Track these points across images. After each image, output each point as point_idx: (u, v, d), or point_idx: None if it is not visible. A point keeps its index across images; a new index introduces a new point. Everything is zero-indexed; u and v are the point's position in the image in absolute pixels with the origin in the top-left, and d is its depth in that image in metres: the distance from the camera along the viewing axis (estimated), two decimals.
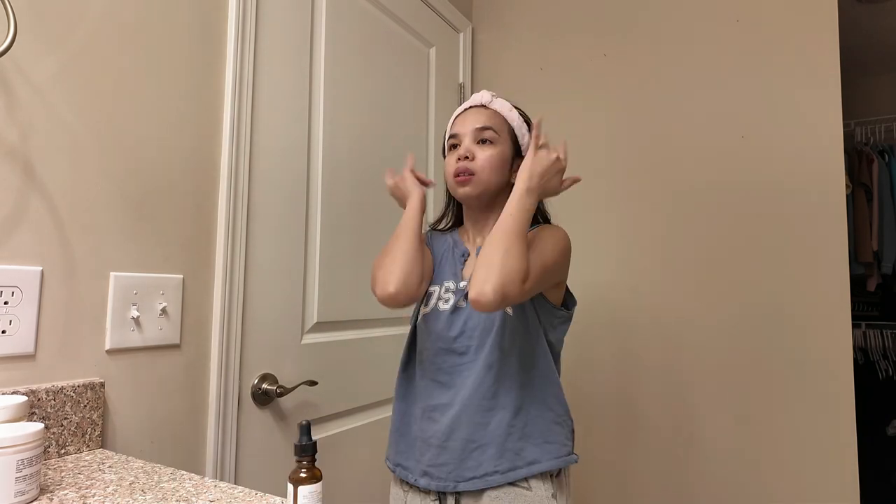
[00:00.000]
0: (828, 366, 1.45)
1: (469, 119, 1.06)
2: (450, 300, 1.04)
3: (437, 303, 1.05)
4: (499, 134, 1.05)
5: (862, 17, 2.62)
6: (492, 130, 1.04)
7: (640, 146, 1.73)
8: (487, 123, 1.04)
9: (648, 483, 1.65)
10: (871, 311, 3.04)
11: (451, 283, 1.06)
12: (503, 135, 1.06)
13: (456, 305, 1.03)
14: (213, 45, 1.14)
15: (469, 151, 1.02)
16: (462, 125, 1.06)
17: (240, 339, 1.16)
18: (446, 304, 1.04)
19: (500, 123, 1.06)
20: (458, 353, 1.01)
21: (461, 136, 1.05)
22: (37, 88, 0.87)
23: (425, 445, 1.01)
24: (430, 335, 1.04)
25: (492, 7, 2.06)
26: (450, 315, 1.02)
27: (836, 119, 1.48)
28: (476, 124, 1.04)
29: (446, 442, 0.99)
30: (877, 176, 2.77)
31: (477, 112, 1.07)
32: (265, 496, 0.69)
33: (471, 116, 1.06)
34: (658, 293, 1.67)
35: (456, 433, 0.98)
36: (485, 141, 1.03)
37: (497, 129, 1.05)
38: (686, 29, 1.69)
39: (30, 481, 0.66)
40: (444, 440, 0.99)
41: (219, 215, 1.14)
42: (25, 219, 0.85)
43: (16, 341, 0.82)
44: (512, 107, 1.09)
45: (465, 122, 1.06)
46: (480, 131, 1.03)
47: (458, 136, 1.06)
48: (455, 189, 1.05)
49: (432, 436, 1.00)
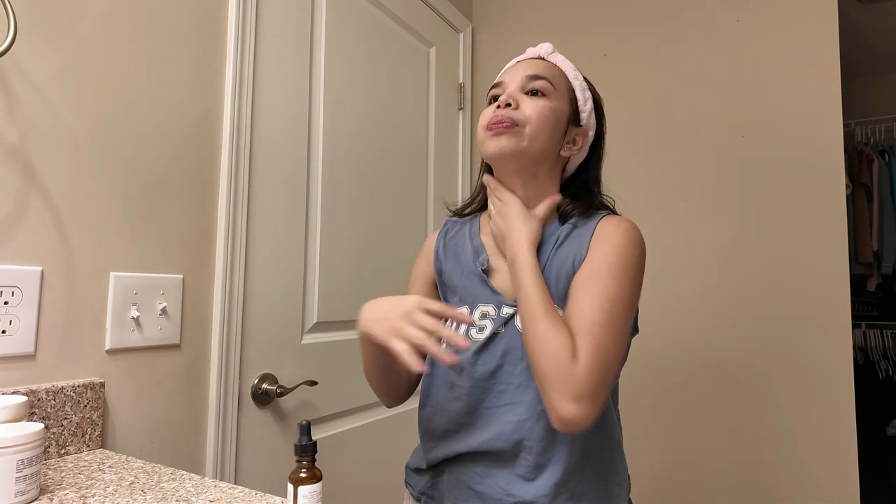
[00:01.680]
0: (828, 366, 1.45)
1: (520, 68, 0.84)
2: (486, 328, 0.80)
3: (468, 330, 0.81)
4: (555, 87, 0.82)
5: (862, 17, 2.62)
6: (546, 81, 0.81)
7: (640, 146, 1.73)
8: (542, 72, 0.82)
9: (647, 482, 1.65)
10: (871, 311, 3.04)
11: (491, 308, 0.81)
12: (561, 89, 0.83)
13: (494, 332, 0.79)
14: (214, 45, 1.14)
15: (513, 98, 0.80)
16: (510, 74, 0.84)
17: (240, 339, 1.16)
18: (480, 332, 0.80)
19: (559, 77, 0.84)
20: (496, 391, 0.79)
21: (506, 84, 0.83)
22: (37, 88, 0.87)
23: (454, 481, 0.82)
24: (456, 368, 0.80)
25: (492, 7, 2.06)
26: (483, 346, 0.79)
27: (837, 119, 1.48)
28: (528, 71, 0.82)
29: (479, 486, 0.79)
30: (877, 176, 2.77)
31: (531, 62, 0.85)
32: (265, 496, 0.69)
33: (522, 66, 0.85)
34: (657, 293, 1.67)
35: (493, 476, 0.78)
36: (536, 92, 0.81)
37: (554, 81, 0.82)
38: (686, 29, 1.69)
39: (30, 481, 0.66)
40: (479, 482, 0.79)
41: (219, 215, 1.14)
42: (25, 219, 0.85)
43: (16, 341, 0.82)
44: (575, 69, 0.88)
45: (515, 71, 0.84)
46: (532, 79, 0.82)
47: (503, 84, 0.84)
48: (485, 144, 0.81)
49: (465, 473, 0.81)
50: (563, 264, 0.79)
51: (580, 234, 0.81)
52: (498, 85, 0.85)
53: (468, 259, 0.87)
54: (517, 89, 0.82)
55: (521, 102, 0.80)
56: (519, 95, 0.81)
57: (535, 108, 0.79)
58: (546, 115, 0.79)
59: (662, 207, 1.69)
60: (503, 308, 0.80)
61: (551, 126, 0.80)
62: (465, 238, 0.90)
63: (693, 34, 1.68)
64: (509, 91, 0.82)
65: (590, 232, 0.80)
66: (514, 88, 0.82)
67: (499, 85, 0.85)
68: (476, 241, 0.88)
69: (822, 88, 1.50)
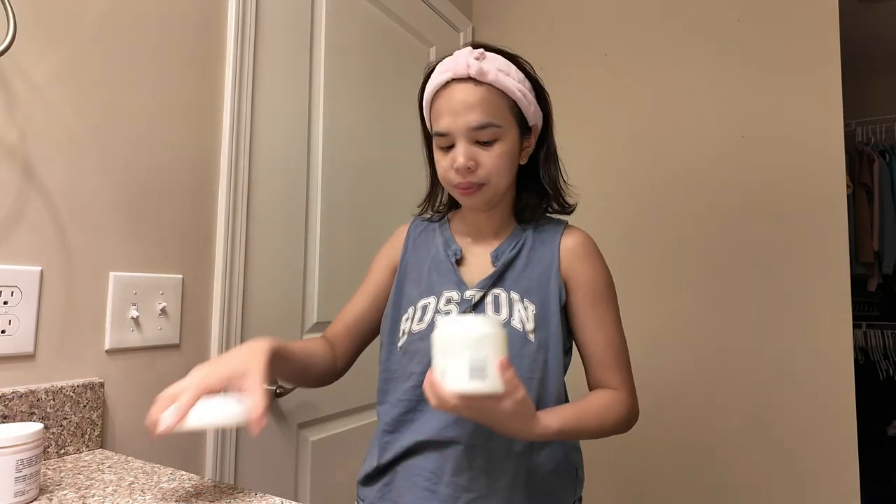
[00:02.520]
0: (828, 366, 1.45)
1: (458, 108, 0.79)
2: (451, 313, 0.83)
3: (434, 317, 0.83)
4: (501, 126, 0.79)
5: (862, 17, 2.62)
6: (493, 128, 0.79)
7: (640, 145, 1.73)
8: (484, 119, 0.78)
9: (648, 482, 1.65)
10: (872, 312, 3.04)
11: (455, 293, 0.84)
12: (507, 121, 0.80)
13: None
14: (213, 45, 1.14)
15: (471, 161, 0.79)
16: (452, 120, 0.79)
17: (239, 339, 1.16)
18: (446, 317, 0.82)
19: (499, 107, 0.80)
20: None
21: (454, 137, 0.80)
22: (37, 88, 0.87)
23: (408, 485, 0.82)
24: (424, 356, 0.81)
25: (492, 6, 2.05)
26: None
27: (837, 119, 1.48)
28: (470, 123, 0.78)
29: (436, 486, 0.80)
30: (877, 176, 2.77)
31: (466, 92, 0.79)
32: (265, 496, 0.69)
33: (459, 105, 0.79)
34: (657, 293, 1.67)
35: (450, 477, 0.79)
36: (487, 141, 0.80)
37: (498, 119, 0.79)
38: (686, 29, 1.69)
39: (29, 481, 0.65)
40: (435, 483, 0.80)
41: (219, 215, 1.14)
42: (25, 219, 0.85)
43: (15, 341, 0.82)
44: (508, 63, 0.82)
45: (456, 116, 0.79)
46: (478, 131, 0.79)
47: (451, 136, 0.80)
48: (459, 198, 0.85)
49: (419, 474, 0.81)
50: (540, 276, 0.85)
51: (545, 247, 0.87)
52: (445, 135, 0.80)
53: (438, 249, 0.90)
54: (468, 143, 0.79)
55: (477, 159, 0.79)
56: (473, 152, 0.79)
57: (492, 162, 0.80)
58: (504, 163, 0.81)
59: (661, 207, 1.69)
60: (466, 292, 0.84)
61: (509, 166, 0.83)
62: (434, 233, 0.94)
63: (693, 34, 1.68)
64: (463, 152, 0.79)
65: (556, 245, 0.87)
66: (465, 146, 0.79)
67: (446, 135, 0.80)
68: (447, 234, 0.93)
69: (823, 88, 1.50)
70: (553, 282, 0.84)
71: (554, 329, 0.82)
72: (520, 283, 0.84)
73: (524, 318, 0.81)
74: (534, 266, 0.85)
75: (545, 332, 0.82)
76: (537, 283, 0.84)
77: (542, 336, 0.81)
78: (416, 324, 0.84)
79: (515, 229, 0.90)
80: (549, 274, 0.85)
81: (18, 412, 0.80)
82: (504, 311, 0.82)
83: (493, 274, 0.84)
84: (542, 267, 0.85)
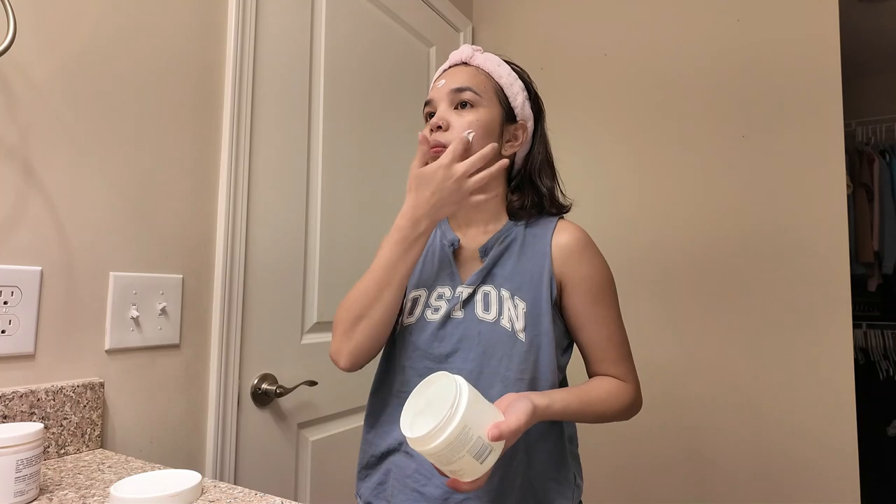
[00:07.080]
0: (828, 366, 1.45)
1: (445, 81, 0.87)
2: (440, 309, 0.83)
3: (423, 311, 0.85)
4: (481, 95, 0.84)
5: (862, 17, 2.62)
6: (471, 91, 0.84)
7: (640, 146, 1.73)
8: (465, 84, 0.84)
9: (649, 479, 1.64)
10: (872, 312, 3.04)
11: (447, 290, 0.85)
12: (487, 95, 0.85)
13: (449, 315, 0.83)
14: (213, 45, 1.14)
15: (442, 120, 0.83)
16: (437, 91, 0.87)
17: (239, 339, 1.16)
18: (435, 313, 0.84)
19: (483, 82, 0.86)
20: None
21: (435, 103, 0.86)
22: (37, 88, 0.87)
23: (399, 486, 0.83)
24: (414, 350, 0.84)
25: (492, 6, 2.05)
26: (439, 327, 0.83)
27: (837, 119, 1.48)
28: (452, 85, 0.85)
29: (425, 487, 0.79)
30: (878, 176, 2.77)
31: (456, 71, 0.87)
32: (265, 496, 0.69)
33: (447, 78, 0.87)
34: (656, 293, 1.67)
35: (439, 478, 0.78)
36: (464, 104, 0.84)
37: (479, 89, 0.85)
38: (686, 29, 1.69)
39: (29, 481, 0.66)
40: (423, 485, 0.80)
41: (218, 215, 1.14)
42: (25, 219, 0.85)
43: (15, 341, 0.82)
44: (502, 61, 0.89)
45: (441, 87, 0.86)
46: (456, 93, 0.84)
47: (433, 102, 0.87)
48: None
49: (409, 476, 0.81)
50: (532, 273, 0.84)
51: (536, 243, 0.86)
52: (428, 103, 0.88)
53: (435, 238, 0.91)
54: (448, 107, 0.85)
55: (450, 121, 0.83)
56: (449, 114, 0.84)
57: (462, 125, 0.82)
58: (475, 130, 0.82)
59: (660, 206, 1.69)
60: (458, 289, 0.84)
61: (480, 136, 0.83)
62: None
63: (693, 34, 1.68)
64: (439, 112, 0.85)
65: (547, 241, 0.85)
66: (445, 107, 0.85)
67: (429, 103, 0.87)
68: (444, 224, 0.92)
69: (823, 88, 1.50)
70: (545, 279, 0.83)
71: (546, 328, 0.81)
72: (511, 279, 0.83)
73: (513, 316, 0.81)
74: (525, 262, 0.84)
75: (536, 330, 0.81)
76: (528, 279, 0.83)
77: (532, 335, 0.80)
78: (406, 316, 0.86)
79: (507, 224, 0.89)
80: (541, 271, 0.83)
81: (18, 412, 0.80)
82: (493, 310, 0.81)
83: (483, 269, 0.84)
84: (533, 263, 0.84)
